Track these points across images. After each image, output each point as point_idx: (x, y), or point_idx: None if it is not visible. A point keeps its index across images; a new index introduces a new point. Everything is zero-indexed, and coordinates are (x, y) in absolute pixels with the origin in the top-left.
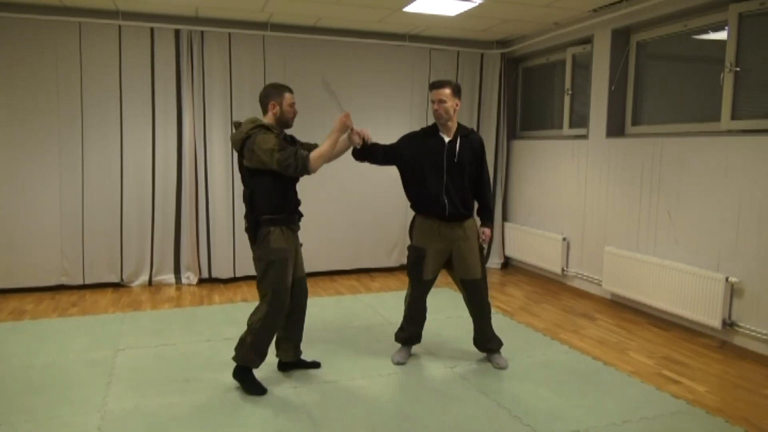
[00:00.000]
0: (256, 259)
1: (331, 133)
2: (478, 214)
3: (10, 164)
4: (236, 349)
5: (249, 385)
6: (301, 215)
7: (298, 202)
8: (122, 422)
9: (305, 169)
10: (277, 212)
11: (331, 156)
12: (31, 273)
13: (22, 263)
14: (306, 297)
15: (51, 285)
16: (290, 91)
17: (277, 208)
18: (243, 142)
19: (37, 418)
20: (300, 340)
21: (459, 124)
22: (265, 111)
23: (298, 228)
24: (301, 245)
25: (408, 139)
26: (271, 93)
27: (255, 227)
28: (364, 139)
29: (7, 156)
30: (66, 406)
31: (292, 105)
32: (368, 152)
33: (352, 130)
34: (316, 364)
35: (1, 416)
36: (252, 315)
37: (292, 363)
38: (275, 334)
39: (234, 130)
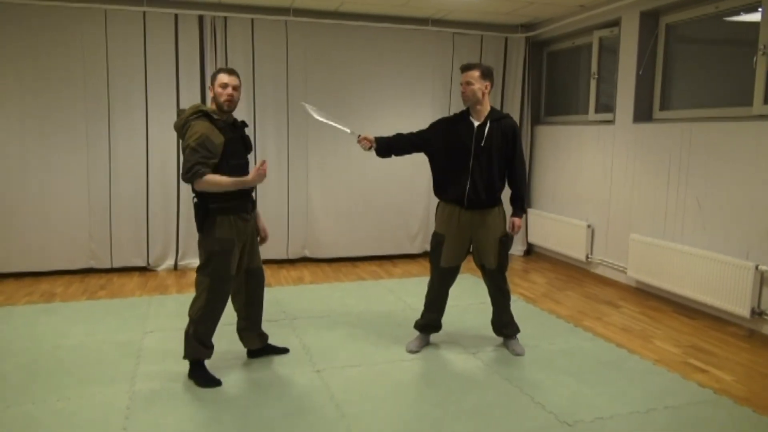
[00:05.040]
0: (200, 248)
1: (245, 180)
2: (510, 202)
3: (38, 150)
4: (184, 344)
5: (202, 379)
6: (253, 203)
7: (249, 189)
8: (150, 402)
9: (190, 182)
10: (225, 200)
11: (227, 189)
12: (61, 256)
13: (52, 246)
14: (262, 288)
15: (80, 268)
16: (228, 72)
17: (227, 195)
18: (182, 128)
19: (68, 396)
20: (260, 327)
21: (492, 109)
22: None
23: (250, 217)
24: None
25: (439, 124)
26: (211, 77)
27: (203, 215)
28: (371, 141)
29: (36, 142)
30: (95, 386)
31: (224, 86)
32: (391, 146)
33: (359, 136)
34: (285, 350)
35: (34, 395)
36: (192, 305)
37: (260, 350)
38: (216, 324)
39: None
